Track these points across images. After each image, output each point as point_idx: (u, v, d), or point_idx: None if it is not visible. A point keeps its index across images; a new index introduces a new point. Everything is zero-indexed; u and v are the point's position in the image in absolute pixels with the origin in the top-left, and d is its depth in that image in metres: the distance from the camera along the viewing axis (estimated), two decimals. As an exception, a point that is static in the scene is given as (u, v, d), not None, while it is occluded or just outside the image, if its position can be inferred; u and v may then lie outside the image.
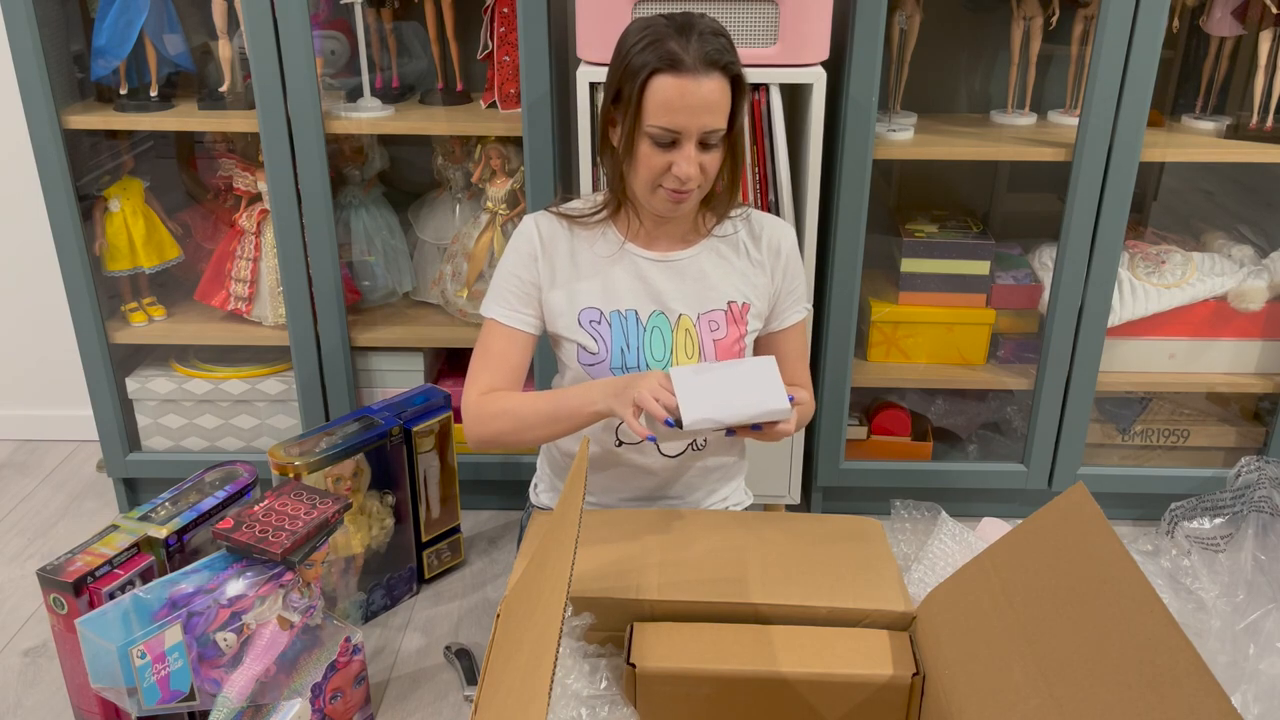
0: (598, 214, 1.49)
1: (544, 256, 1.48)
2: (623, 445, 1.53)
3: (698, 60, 1.30)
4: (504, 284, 1.50)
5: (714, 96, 1.32)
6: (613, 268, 1.49)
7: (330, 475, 1.75)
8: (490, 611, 1.93)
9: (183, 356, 2.19)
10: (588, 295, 1.48)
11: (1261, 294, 2.01)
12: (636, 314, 1.48)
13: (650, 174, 1.37)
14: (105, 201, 2.03)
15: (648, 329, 1.48)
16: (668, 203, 1.40)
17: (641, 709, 1.20)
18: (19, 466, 2.44)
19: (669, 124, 1.33)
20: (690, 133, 1.33)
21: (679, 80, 1.30)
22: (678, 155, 1.35)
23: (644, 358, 1.47)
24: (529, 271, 1.48)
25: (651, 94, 1.32)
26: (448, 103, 2.02)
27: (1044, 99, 2.16)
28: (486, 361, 1.50)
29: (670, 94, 1.31)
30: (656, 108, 1.32)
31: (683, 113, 1.32)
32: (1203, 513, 1.99)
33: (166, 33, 1.94)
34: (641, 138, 1.35)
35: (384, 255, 2.12)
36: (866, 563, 1.36)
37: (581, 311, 1.48)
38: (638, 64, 1.32)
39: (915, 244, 2.04)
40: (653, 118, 1.33)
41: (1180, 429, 2.18)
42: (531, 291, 1.49)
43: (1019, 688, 1.05)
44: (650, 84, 1.32)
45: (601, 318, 1.48)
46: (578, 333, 1.48)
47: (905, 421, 2.19)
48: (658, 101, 1.32)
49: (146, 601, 1.41)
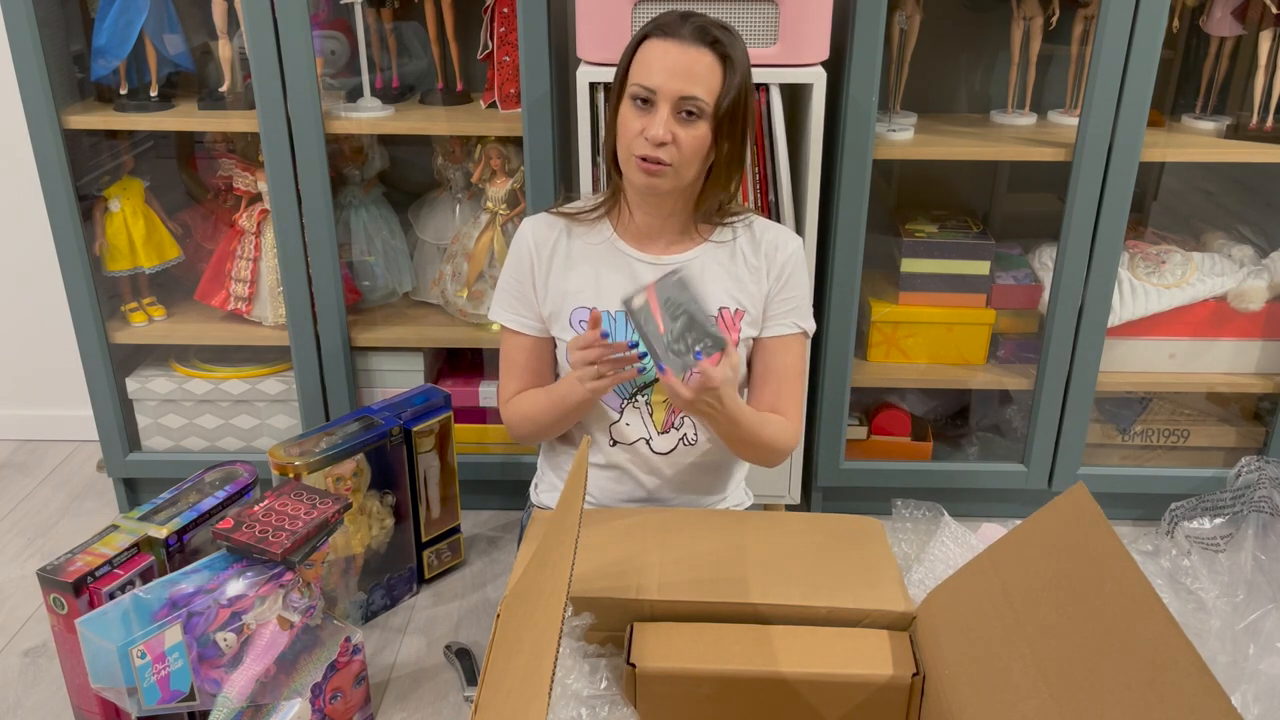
0: (596, 210, 1.51)
1: (539, 261, 1.51)
2: (616, 445, 1.54)
3: (690, 32, 1.34)
4: (507, 288, 1.54)
5: (697, 67, 1.34)
6: (605, 267, 1.50)
7: (330, 475, 1.75)
8: (490, 611, 1.93)
9: (183, 356, 2.19)
10: (579, 294, 1.49)
11: (1261, 294, 2.01)
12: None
13: (627, 137, 1.38)
14: (105, 201, 2.03)
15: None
16: (642, 174, 1.39)
17: (641, 709, 1.20)
18: (19, 466, 2.44)
19: (645, 80, 1.35)
20: (665, 94, 1.34)
21: (664, 42, 1.35)
22: (652, 118, 1.35)
23: None
24: (526, 276, 1.52)
25: (638, 57, 1.37)
26: (448, 103, 2.02)
27: (1044, 99, 2.16)
28: (508, 369, 1.57)
29: (653, 54, 1.35)
30: (639, 67, 1.37)
31: (660, 72, 1.34)
32: (1203, 513, 1.99)
33: (166, 33, 1.94)
34: (625, 100, 1.38)
35: (384, 255, 2.12)
36: (866, 563, 1.36)
37: (573, 311, 1.49)
38: (637, 34, 1.39)
39: (915, 244, 2.04)
40: (637, 75, 1.37)
41: (1180, 429, 2.18)
42: (530, 297, 1.52)
43: (1019, 688, 1.05)
44: (640, 49, 1.37)
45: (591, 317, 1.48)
46: (568, 332, 1.49)
47: (905, 421, 2.19)
48: (641, 62, 1.37)
49: (146, 601, 1.41)
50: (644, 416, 1.53)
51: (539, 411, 1.52)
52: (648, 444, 1.54)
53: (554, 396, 1.48)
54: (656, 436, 1.54)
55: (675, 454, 1.55)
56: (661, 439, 1.54)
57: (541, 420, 1.52)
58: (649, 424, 1.53)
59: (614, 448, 1.54)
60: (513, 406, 1.56)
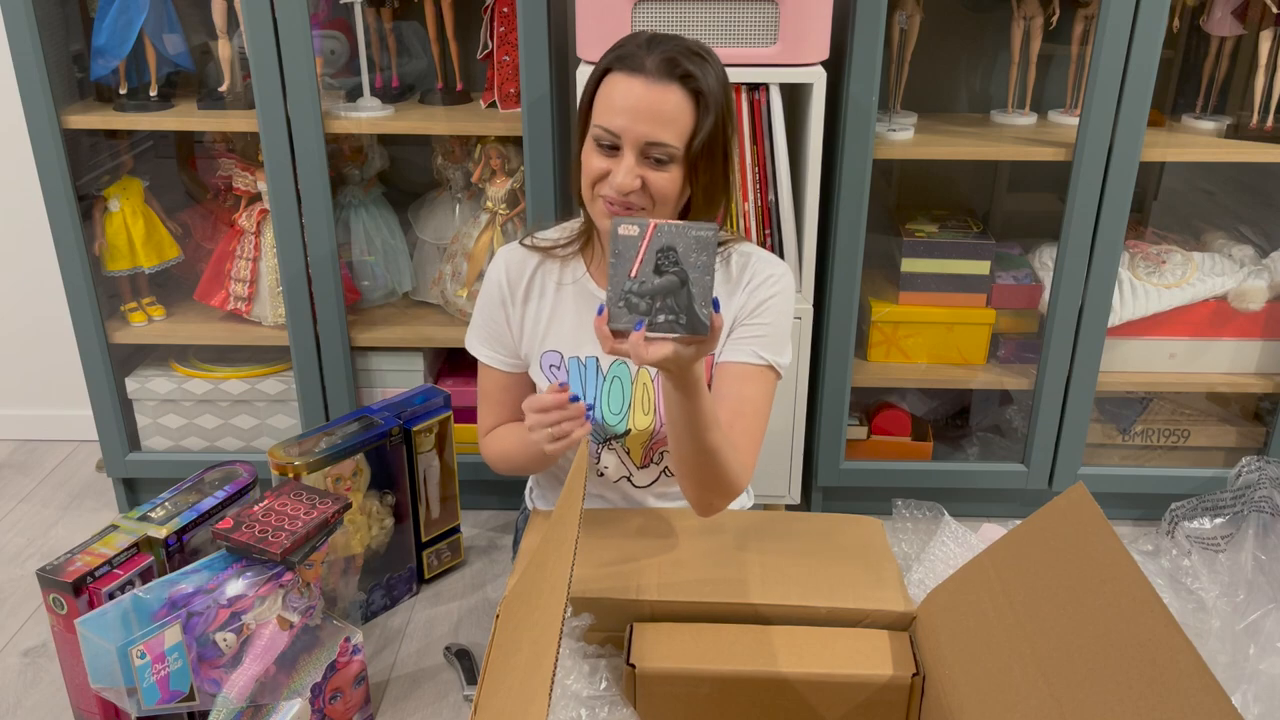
0: (569, 245, 1.43)
1: (512, 300, 1.45)
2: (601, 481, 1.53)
3: (656, 66, 1.22)
4: (481, 323, 1.49)
5: (664, 107, 1.22)
6: (576, 308, 1.43)
7: (330, 475, 1.75)
8: (490, 611, 1.93)
9: (182, 356, 2.19)
10: (549, 338, 1.44)
11: (1262, 294, 2.01)
12: (597, 361, 1.44)
13: (588, 176, 1.28)
14: (105, 201, 2.03)
15: (608, 378, 1.44)
16: (604, 215, 1.29)
17: (641, 709, 1.20)
18: (19, 466, 2.44)
19: (608, 124, 1.24)
20: (630, 139, 1.23)
21: (628, 79, 1.22)
22: (617, 163, 1.25)
23: (601, 409, 1.44)
24: (498, 314, 1.46)
25: (601, 93, 1.26)
26: (447, 102, 2.02)
27: (1044, 99, 2.16)
28: (484, 402, 1.52)
29: (615, 92, 1.23)
30: (602, 105, 1.25)
31: (623, 115, 1.22)
32: (1203, 513, 1.99)
33: (166, 32, 1.94)
34: (588, 138, 1.28)
35: (384, 255, 2.12)
36: (866, 563, 1.36)
37: (543, 355, 1.45)
38: (600, 63, 1.27)
39: (915, 244, 2.04)
40: (599, 116, 1.25)
41: (1180, 429, 2.18)
42: (503, 334, 1.47)
43: (1019, 688, 1.05)
44: (602, 82, 1.26)
45: (561, 362, 1.44)
46: (539, 376, 1.46)
47: (905, 421, 2.19)
48: (604, 99, 1.25)
49: (146, 601, 1.41)
50: (621, 456, 1.49)
51: (513, 451, 1.45)
52: (629, 480, 1.52)
53: (525, 442, 1.35)
54: (636, 472, 1.51)
55: (657, 485, 1.53)
56: (641, 473, 1.51)
57: (515, 461, 1.45)
58: (628, 462, 1.50)
59: (598, 485, 1.54)
60: (489, 442, 1.50)
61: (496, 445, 1.49)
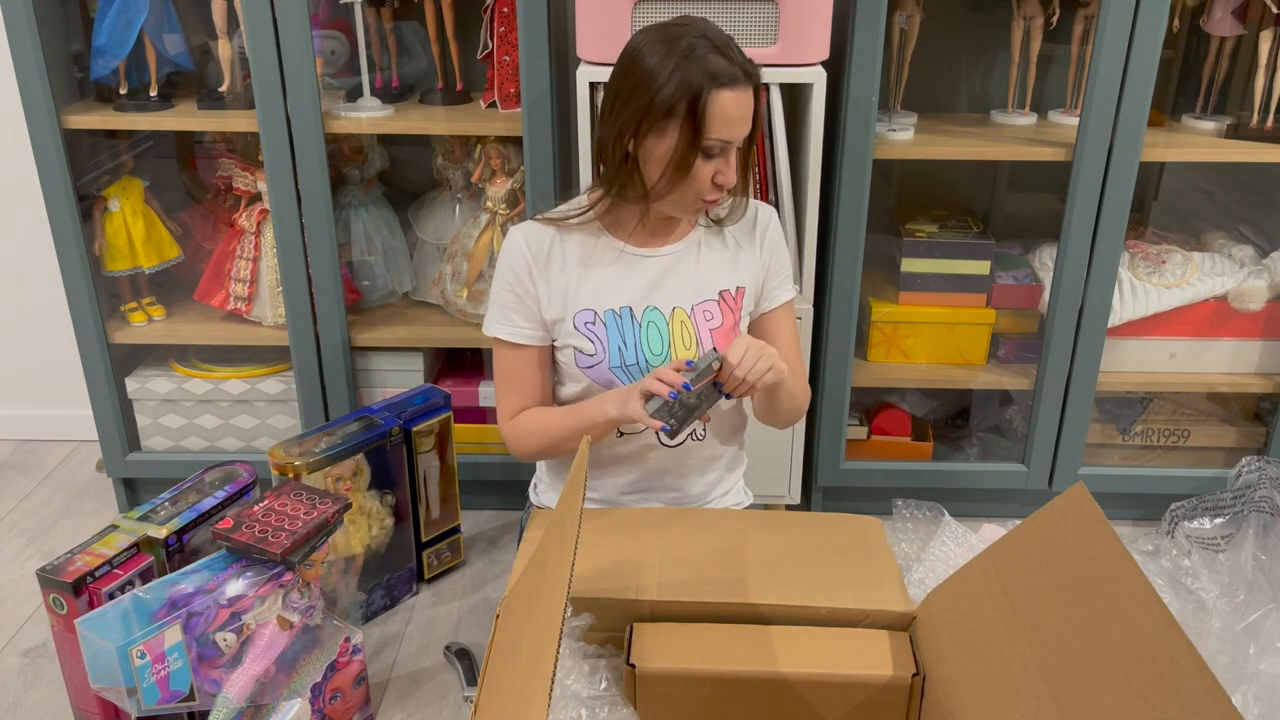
0: (583, 214, 1.48)
1: (536, 267, 1.48)
2: (624, 436, 1.53)
3: (741, 73, 1.36)
4: (502, 301, 1.50)
5: (750, 106, 1.39)
6: (602, 266, 1.49)
7: (330, 475, 1.75)
8: (490, 611, 1.93)
9: (182, 356, 2.19)
10: (580, 297, 1.48)
11: (1262, 294, 2.01)
12: (631, 310, 1.48)
13: (702, 186, 1.40)
14: (105, 201, 2.03)
15: (643, 325, 1.48)
16: (702, 211, 1.45)
17: (641, 709, 1.20)
18: (19, 466, 2.44)
19: (726, 135, 1.37)
20: (737, 141, 1.40)
21: (735, 94, 1.36)
22: (723, 163, 1.39)
23: (642, 354, 1.47)
24: (524, 285, 1.48)
25: (711, 110, 1.35)
26: (448, 103, 2.02)
27: (1044, 99, 2.16)
28: (508, 384, 1.53)
29: (729, 108, 1.36)
30: (717, 121, 1.35)
31: (738, 124, 1.37)
32: (1203, 513, 1.99)
33: (166, 32, 1.94)
34: (698, 152, 1.37)
35: (384, 255, 2.12)
36: (867, 563, 1.36)
37: (576, 314, 1.48)
38: (695, 82, 1.33)
39: (915, 244, 2.04)
40: (714, 131, 1.36)
41: (1180, 429, 2.18)
42: (531, 305, 1.49)
43: (1019, 688, 1.05)
44: (712, 100, 1.34)
45: (596, 318, 1.47)
46: (574, 337, 1.48)
47: (905, 421, 2.19)
48: (719, 116, 1.35)
49: (146, 601, 1.41)
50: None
51: (552, 426, 1.49)
52: (658, 437, 1.54)
53: (578, 418, 1.46)
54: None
55: (681, 448, 1.55)
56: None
57: (556, 435, 1.49)
58: None
59: (621, 438, 1.54)
60: (520, 423, 1.52)
61: (533, 424, 1.51)
